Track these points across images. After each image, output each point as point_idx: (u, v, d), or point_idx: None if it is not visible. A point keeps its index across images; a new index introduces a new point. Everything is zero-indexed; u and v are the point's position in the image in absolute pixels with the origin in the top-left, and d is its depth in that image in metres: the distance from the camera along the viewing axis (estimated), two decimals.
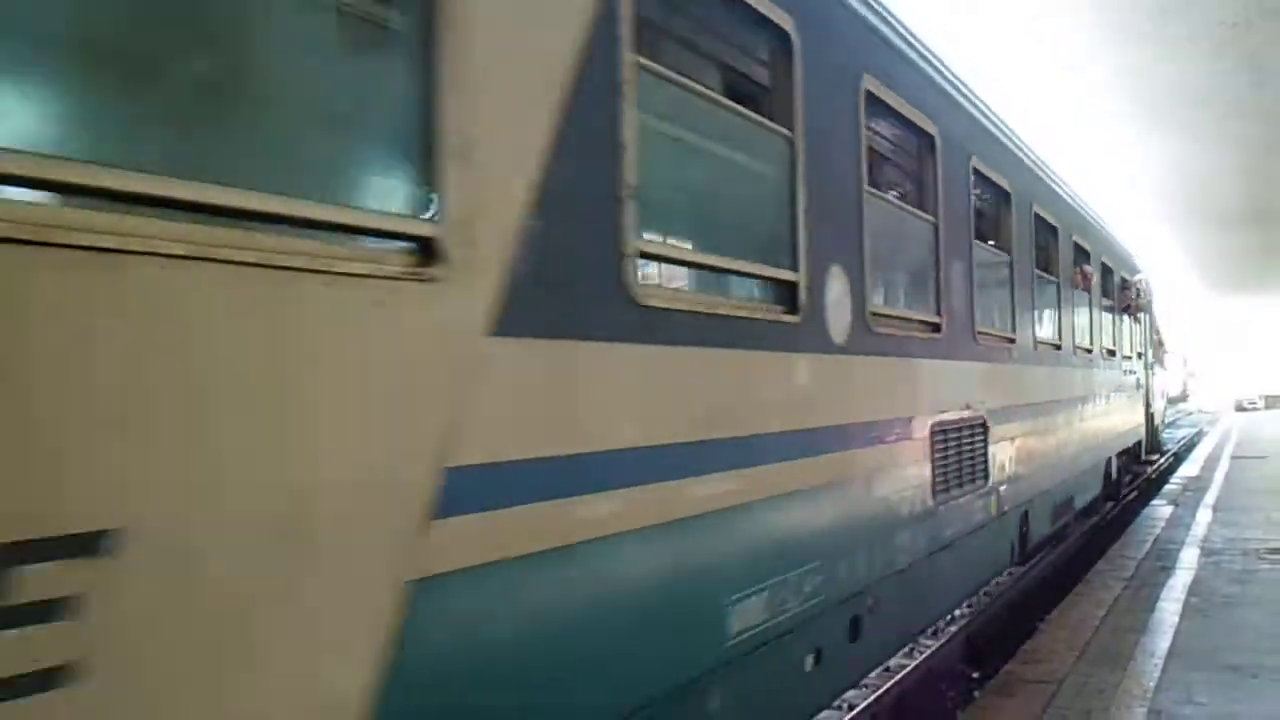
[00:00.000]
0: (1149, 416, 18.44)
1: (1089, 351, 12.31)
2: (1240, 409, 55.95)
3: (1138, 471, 18.43)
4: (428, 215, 2.66)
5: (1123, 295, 15.11)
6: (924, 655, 7.86)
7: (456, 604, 2.68)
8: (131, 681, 1.94)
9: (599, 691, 3.30)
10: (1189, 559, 10.58)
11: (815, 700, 5.12)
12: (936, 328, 6.60)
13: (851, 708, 6.62)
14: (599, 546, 3.27)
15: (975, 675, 8.09)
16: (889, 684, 7.05)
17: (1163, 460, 22.72)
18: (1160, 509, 14.83)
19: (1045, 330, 10.01)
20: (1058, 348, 10.39)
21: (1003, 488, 7.88)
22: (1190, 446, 29.48)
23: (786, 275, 4.62)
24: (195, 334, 2.08)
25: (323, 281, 2.34)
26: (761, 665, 4.31)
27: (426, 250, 2.63)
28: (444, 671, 2.68)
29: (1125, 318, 15.56)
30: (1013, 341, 8.44)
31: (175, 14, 2.41)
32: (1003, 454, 7.86)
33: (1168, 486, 18.07)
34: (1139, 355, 17.42)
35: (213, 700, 2.08)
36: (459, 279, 2.69)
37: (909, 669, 7.43)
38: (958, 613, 9.14)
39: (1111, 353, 14.22)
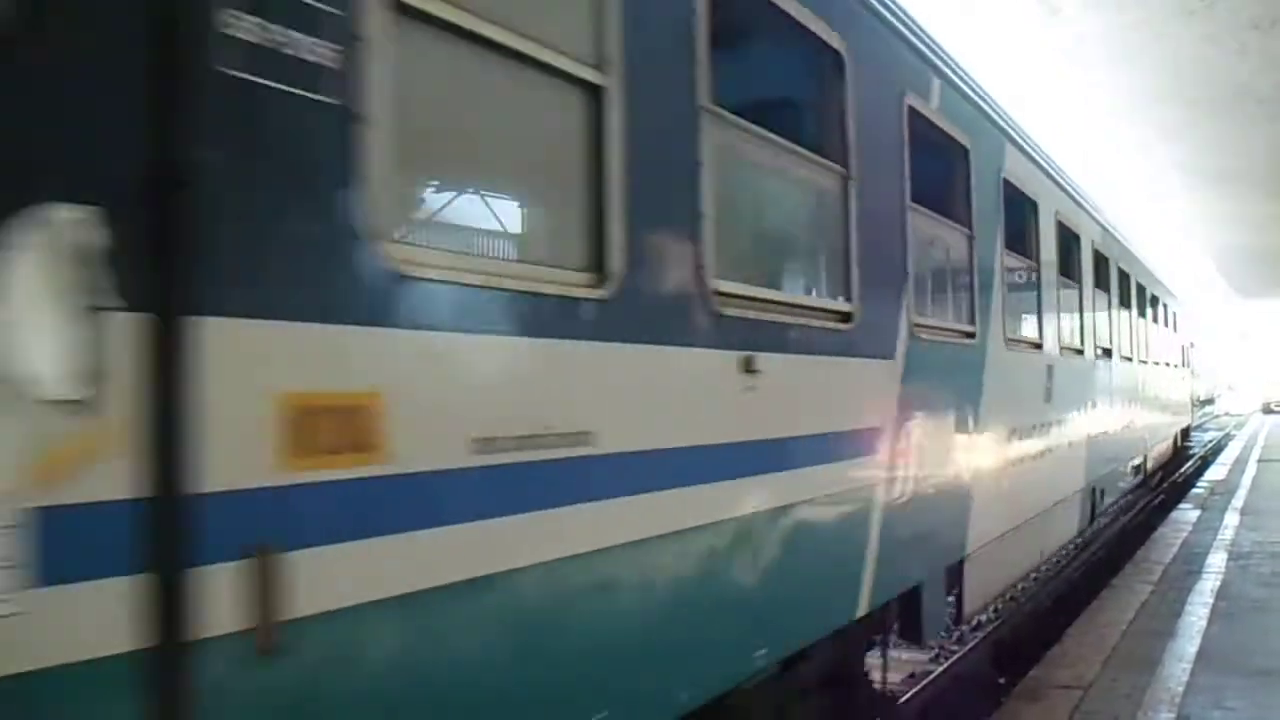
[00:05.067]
0: None
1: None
2: (1268, 411, 55.33)
3: None
4: None
5: None
6: (950, 660, 7.84)
7: None
8: None
9: None
10: (1217, 563, 10.50)
11: None
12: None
13: (876, 715, 6.61)
14: None
15: (1002, 680, 8.06)
16: (915, 689, 7.04)
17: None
18: (1187, 513, 14.70)
19: None
20: None
21: None
22: (1218, 450, 29.21)
23: None
24: None
25: None
26: None
27: None
28: None
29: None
30: None
31: None
32: None
33: (1194, 490, 17.91)
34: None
35: None
36: None
37: (935, 674, 7.42)
38: (983, 617, 9.09)
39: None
